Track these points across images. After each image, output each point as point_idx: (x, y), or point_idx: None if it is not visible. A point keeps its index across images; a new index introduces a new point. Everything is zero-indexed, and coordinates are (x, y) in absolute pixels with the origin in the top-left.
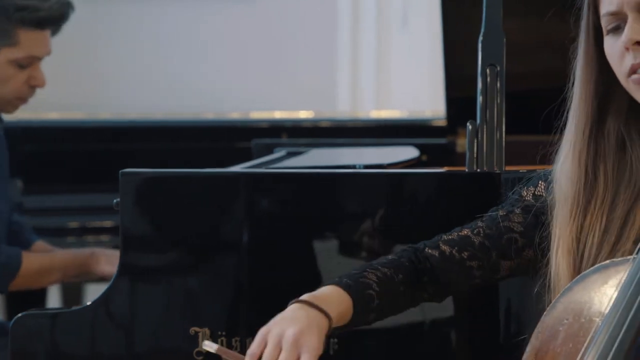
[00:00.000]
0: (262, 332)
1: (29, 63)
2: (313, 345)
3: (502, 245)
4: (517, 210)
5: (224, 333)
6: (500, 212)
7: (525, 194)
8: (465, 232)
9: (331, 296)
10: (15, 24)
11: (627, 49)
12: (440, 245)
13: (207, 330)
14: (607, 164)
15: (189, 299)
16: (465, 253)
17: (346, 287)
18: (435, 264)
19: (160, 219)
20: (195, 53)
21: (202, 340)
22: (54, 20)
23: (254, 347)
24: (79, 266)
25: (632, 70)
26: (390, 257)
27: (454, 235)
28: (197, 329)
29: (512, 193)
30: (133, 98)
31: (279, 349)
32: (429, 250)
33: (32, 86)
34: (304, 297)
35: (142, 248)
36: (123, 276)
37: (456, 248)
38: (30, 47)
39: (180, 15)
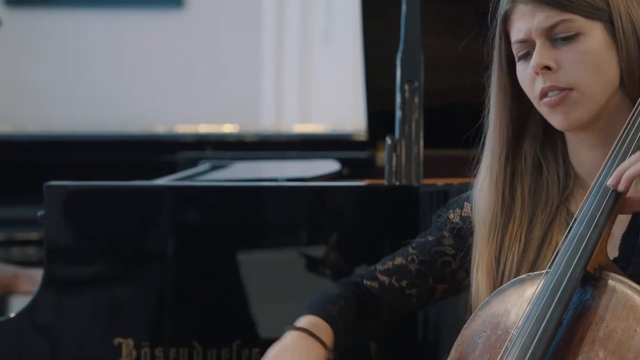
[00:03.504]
0: None
1: None
2: None
3: (437, 270)
4: (446, 234)
5: (147, 343)
6: (430, 238)
7: (452, 216)
8: (400, 260)
9: (321, 325)
10: None
11: (537, 73)
12: (378, 276)
13: (130, 341)
14: (524, 186)
15: (114, 309)
16: (404, 281)
17: (326, 318)
18: (376, 294)
19: (86, 231)
20: (120, 66)
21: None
22: None
23: None
24: (1, 287)
25: (543, 94)
26: (336, 290)
27: (388, 264)
28: (121, 339)
29: (438, 217)
30: (58, 111)
31: None
32: (368, 282)
33: None
34: (302, 323)
35: (67, 260)
36: (48, 288)
37: (394, 277)
38: None
39: (106, 27)
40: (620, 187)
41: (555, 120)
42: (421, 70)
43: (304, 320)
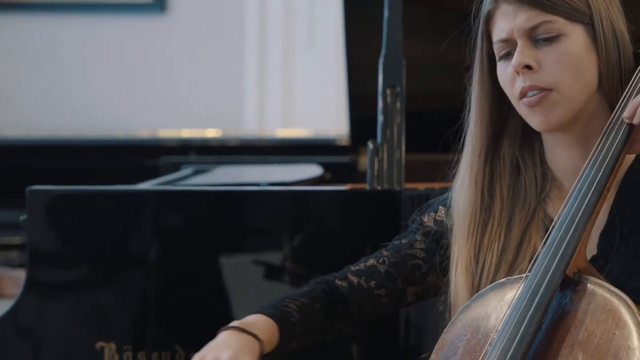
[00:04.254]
0: (196, 358)
1: None
2: None
3: (407, 272)
4: (419, 237)
5: (130, 347)
6: (403, 240)
7: (427, 219)
8: (372, 261)
9: (259, 322)
10: None
11: (517, 72)
12: (349, 276)
13: (113, 345)
14: (503, 186)
15: (96, 313)
16: (373, 282)
17: (271, 315)
18: (345, 294)
19: (68, 236)
20: (103, 71)
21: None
22: None
23: None
24: None
25: (523, 94)
26: (304, 288)
27: (361, 265)
28: (103, 343)
29: (412, 221)
30: (40, 116)
31: None
32: (339, 282)
33: None
34: (233, 323)
35: (49, 264)
36: (30, 292)
37: (364, 278)
38: None
39: (89, 32)
40: (636, 120)
41: (534, 120)
42: (403, 75)
43: (241, 320)
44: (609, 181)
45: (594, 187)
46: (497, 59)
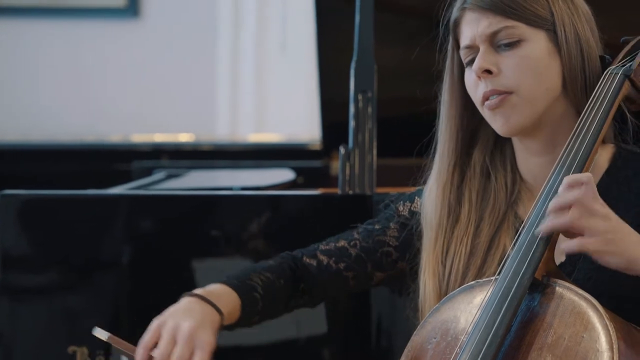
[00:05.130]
0: (156, 323)
1: None
2: (207, 340)
3: (377, 258)
4: (393, 225)
5: (102, 352)
6: (376, 226)
7: (402, 208)
8: (342, 243)
9: (223, 294)
10: None
11: (479, 77)
12: (318, 254)
13: (85, 349)
14: (472, 191)
15: (68, 318)
16: (342, 264)
17: (236, 288)
18: (313, 272)
19: (40, 240)
20: (76, 75)
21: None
22: None
23: (147, 339)
24: None
25: (485, 98)
26: (271, 262)
27: (330, 245)
28: (75, 347)
29: (386, 207)
30: (13, 120)
31: (173, 343)
32: (307, 259)
33: None
34: (197, 291)
35: (21, 268)
36: (2, 296)
37: (333, 259)
38: None
39: (62, 37)
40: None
41: (496, 124)
42: (374, 81)
43: (206, 288)
44: None
45: None
46: (464, 65)
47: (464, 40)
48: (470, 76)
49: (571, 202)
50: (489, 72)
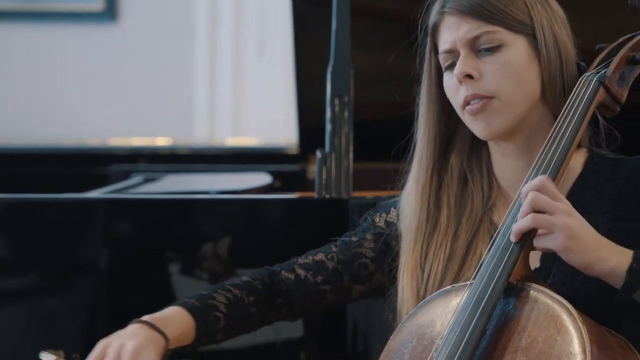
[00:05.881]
0: (101, 344)
1: None
2: (151, 359)
3: (354, 270)
4: (369, 237)
5: (79, 355)
6: (353, 238)
7: (378, 220)
8: (320, 256)
9: (173, 318)
10: None
11: (460, 82)
12: (296, 268)
13: (61, 353)
14: (450, 196)
15: (45, 322)
16: (320, 277)
17: (191, 310)
18: (290, 287)
19: (17, 244)
20: (53, 79)
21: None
22: None
23: (92, 358)
24: None
25: (466, 102)
26: (244, 278)
27: (309, 259)
28: (52, 351)
29: (364, 220)
30: None
31: None
32: (285, 274)
33: None
34: (145, 317)
35: None
36: None
37: (311, 272)
38: None
39: (39, 40)
40: (514, 238)
41: (477, 128)
42: (351, 85)
43: (155, 313)
44: None
45: None
46: (443, 69)
47: (444, 45)
48: (450, 80)
49: (532, 205)
50: (470, 76)
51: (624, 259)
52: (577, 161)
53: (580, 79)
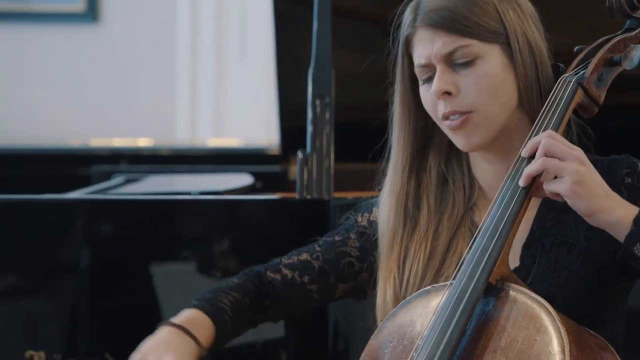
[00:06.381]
0: (137, 358)
1: None
2: None
3: (340, 269)
4: (353, 236)
5: (59, 356)
6: (337, 237)
7: (360, 219)
8: (305, 256)
9: (200, 322)
10: None
11: (438, 98)
12: (282, 269)
13: (42, 354)
14: (430, 196)
15: (26, 322)
16: (306, 277)
17: (209, 313)
18: (277, 287)
19: None
20: (35, 79)
21: None
22: None
23: None
24: None
25: (445, 117)
26: (235, 280)
27: (293, 259)
28: (32, 352)
29: (346, 219)
30: None
31: None
32: (271, 274)
33: None
34: (176, 320)
35: None
36: None
37: (297, 272)
38: None
39: (21, 41)
40: (526, 153)
41: (458, 142)
42: (332, 86)
43: (183, 316)
44: (529, 191)
45: (515, 197)
46: (420, 81)
47: (419, 59)
48: (427, 93)
49: (544, 150)
50: (448, 93)
51: (631, 210)
52: None
53: (558, 80)
